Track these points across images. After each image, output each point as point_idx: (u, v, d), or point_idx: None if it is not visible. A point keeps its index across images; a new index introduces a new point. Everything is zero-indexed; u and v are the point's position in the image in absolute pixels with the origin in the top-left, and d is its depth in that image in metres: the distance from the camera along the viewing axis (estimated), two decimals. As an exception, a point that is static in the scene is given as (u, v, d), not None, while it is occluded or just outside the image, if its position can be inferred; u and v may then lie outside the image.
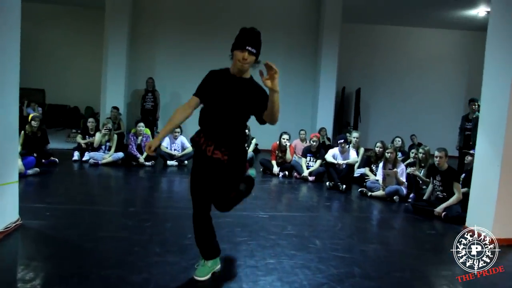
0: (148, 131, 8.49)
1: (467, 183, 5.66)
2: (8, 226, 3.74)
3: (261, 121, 2.77)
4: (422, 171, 6.77)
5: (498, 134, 4.67)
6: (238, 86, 2.81)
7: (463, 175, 6.28)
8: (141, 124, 8.12)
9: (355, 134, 8.06)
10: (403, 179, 6.60)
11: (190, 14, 10.99)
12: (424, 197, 6.11)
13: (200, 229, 3.03)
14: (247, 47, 2.67)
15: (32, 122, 6.92)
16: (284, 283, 3.12)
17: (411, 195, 6.47)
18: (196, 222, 3.03)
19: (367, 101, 12.98)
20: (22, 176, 5.90)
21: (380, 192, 6.52)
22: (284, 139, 7.85)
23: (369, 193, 6.59)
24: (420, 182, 6.61)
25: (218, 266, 3.19)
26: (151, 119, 8.59)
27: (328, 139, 10.36)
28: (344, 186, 6.82)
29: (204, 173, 2.92)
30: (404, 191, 6.53)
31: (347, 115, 13.14)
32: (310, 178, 7.48)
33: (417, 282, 3.39)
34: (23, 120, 9.69)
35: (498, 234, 4.59)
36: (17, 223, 3.90)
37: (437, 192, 5.90)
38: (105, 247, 3.63)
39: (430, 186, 6.06)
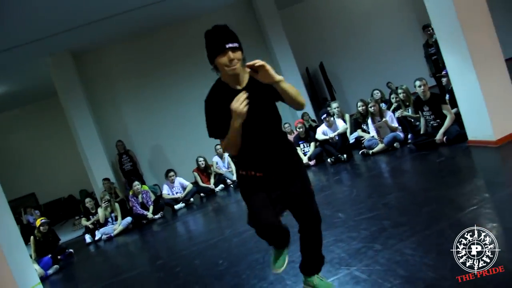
0: (146, 187, 8.48)
1: (454, 102, 5.71)
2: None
3: (294, 107, 2.36)
4: (410, 110, 6.84)
5: (459, 41, 4.74)
6: (251, 98, 2.19)
7: (447, 96, 6.33)
8: (136, 182, 8.11)
9: (334, 105, 8.11)
10: (395, 124, 6.64)
11: (136, 64, 10.97)
12: (421, 132, 6.17)
13: (280, 232, 2.50)
14: (226, 46, 2.20)
15: (41, 227, 6.92)
16: (325, 264, 3.11)
17: (410, 136, 6.50)
18: (266, 235, 2.50)
19: (333, 71, 13.05)
20: (44, 278, 5.88)
21: (380, 146, 6.55)
22: (285, 129, 7.87)
23: (370, 152, 6.62)
24: (412, 120, 6.68)
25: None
26: (135, 179, 8.56)
27: (314, 121, 10.40)
28: (345, 155, 6.85)
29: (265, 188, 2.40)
30: (401, 135, 6.57)
31: (322, 92, 13.21)
32: (311, 163, 7.49)
33: (446, 208, 3.40)
34: (26, 228, 9.73)
35: (499, 133, 4.67)
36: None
37: (431, 122, 5.95)
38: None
39: (422, 120, 6.12)
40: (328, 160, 7.12)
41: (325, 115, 7.35)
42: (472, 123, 5.04)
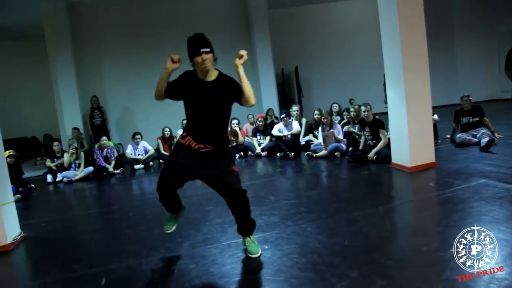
0: (111, 143, 9.19)
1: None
2: (15, 238, 4.47)
3: (244, 105, 3.15)
4: (357, 127, 7.87)
5: (399, 80, 5.74)
6: (212, 90, 3.08)
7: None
8: (104, 137, 8.82)
9: (295, 108, 9.07)
10: (341, 137, 7.66)
11: (127, 28, 11.62)
12: (360, 148, 7.21)
13: (170, 198, 3.42)
14: (201, 50, 2.99)
15: (8, 159, 7.46)
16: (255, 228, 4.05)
17: (350, 149, 7.53)
18: (161, 194, 3.36)
19: (306, 77, 14.06)
20: (7, 203, 6.54)
21: (323, 152, 7.56)
22: (233, 124, 8.73)
23: (314, 155, 7.62)
24: (356, 136, 7.71)
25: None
26: (103, 134, 9.25)
27: (276, 118, 11.34)
28: (292, 153, 7.84)
29: (185, 160, 3.16)
30: (344, 147, 7.59)
31: (291, 93, 14.19)
32: (263, 154, 8.46)
33: (349, 207, 4.41)
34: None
35: (414, 162, 5.73)
36: (21, 235, 4.64)
37: (368, 141, 6.99)
38: (101, 235, 4.47)
39: (363, 138, 7.15)
40: (278, 154, 8.09)
41: (283, 115, 8.30)
42: (396, 149, 6.10)
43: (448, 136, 7.74)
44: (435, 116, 7.60)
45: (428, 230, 3.53)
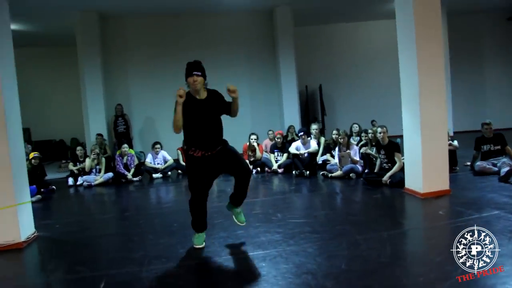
0: (132, 151, 9.42)
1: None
2: (29, 237, 4.66)
3: (231, 115, 3.95)
4: (374, 149, 7.83)
5: (415, 105, 5.72)
6: (205, 106, 3.85)
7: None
8: (125, 145, 9.06)
9: (314, 126, 9.08)
10: (357, 158, 7.63)
11: (154, 39, 11.97)
12: (375, 170, 7.16)
13: (203, 210, 4.00)
14: (193, 73, 3.77)
15: (33, 160, 7.81)
16: (249, 243, 4.11)
17: (366, 171, 7.50)
18: (196, 205, 3.95)
19: (330, 95, 14.08)
20: (27, 203, 6.80)
21: (338, 172, 7.55)
22: (252, 139, 8.82)
23: (329, 175, 7.61)
24: (373, 159, 7.67)
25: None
26: (125, 141, 9.48)
27: (297, 135, 11.38)
28: (308, 172, 7.86)
29: (205, 167, 3.87)
30: (360, 168, 7.55)
31: (314, 111, 14.21)
32: (280, 170, 8.50)
33: (353, 229, 4.40)
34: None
35: (427, 188, 5.67)
36: (35, 234, 4.82)
37: (384, 164, 6.94)
38: (109, 240, 4.61)
39: (378, 160, 7.12)
40: (294, 172, 8.11)
41: (302, 133, 8.34)
42: (410, 174, 6.04)
43: (468, 163, 7.59)
44: (455, 143, 7.51)
45: (429, 260, 3.49)
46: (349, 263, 3.45)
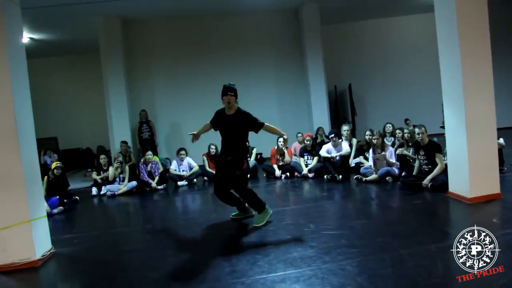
0: (156, 158, 9.15)
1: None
2: (44, 254, 4.38)
3: (257, 132, 4.96)
4: (411, 150, 7.27)
5: (458, 104, 5.19)
6: (231, 120, 4.92)
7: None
8: (149, 152, 8.79)
9: (345, 127, 8.58)
10: (393, 160, 7.10)
11: (178, 43, 11.73)
12: (414, 173, 6.62)
13: (224, 199, 5.19)
14: (228, 93, 4.86)
15: (55, 170, 7.62)
16: (279, 260, 3.68)
17: (403, 173, 6.96)
18: (219, 195, 5.15)
19: (360, 94, 13.51)
20: (49, 216, 6.55)
21: (373, 176, 7.04)
22: (280, 142, 8.39)
23: (364, 179, 7.11)
24: (411, 160, 7.12)
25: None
26: (149, 148, 9.23)
27: (327, 137, 10.89)
28: (340, 176, 7.36)
29: (222, 168, 5.01)
30: (396, 171, 7.02)
31: (344, 112, 13.67)
32: (310, 175, 8.03)
33: (395, 242, 3.91)
34: (42, 168, 10.50)
35: (475, 192, 5.11)
36: (51, 251, 4.54)
37: (423, 166, 6.40)
38: (128, 256, 4.26)
39: (417, 162, 6.57)
40: (325, 176, 7.64)
41: (333, 135, 7.85)
42: (455, 177, 5.49)
43: (516, 163, 6.97)
44: (501, 140, 6.85)
45: (489, 280, 2.98)
46: (395, 284, 2.99)
